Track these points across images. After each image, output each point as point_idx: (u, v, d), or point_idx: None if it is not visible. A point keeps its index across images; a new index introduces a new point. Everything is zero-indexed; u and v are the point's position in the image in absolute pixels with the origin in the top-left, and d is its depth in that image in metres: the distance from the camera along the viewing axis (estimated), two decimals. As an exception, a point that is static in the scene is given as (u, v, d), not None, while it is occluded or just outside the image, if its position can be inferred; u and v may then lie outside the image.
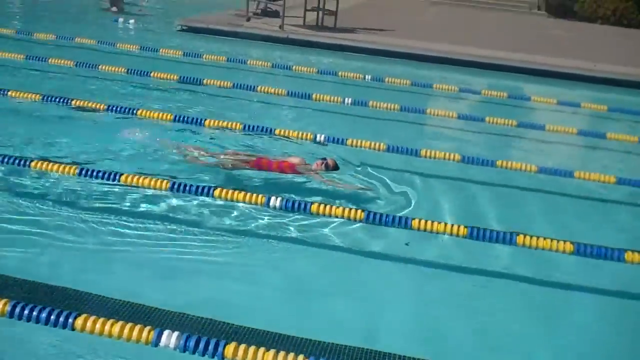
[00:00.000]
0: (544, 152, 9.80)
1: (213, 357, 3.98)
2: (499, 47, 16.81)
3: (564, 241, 5.77)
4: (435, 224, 5.92)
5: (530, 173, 7.95)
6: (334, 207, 6.03)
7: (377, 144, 8.09)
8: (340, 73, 12.53)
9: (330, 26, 17.49)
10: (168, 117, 8.46)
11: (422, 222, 5.91)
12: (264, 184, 6.99)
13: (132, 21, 17.12)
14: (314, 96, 10.44)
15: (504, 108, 11.59)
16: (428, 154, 8.02)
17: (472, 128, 10.20)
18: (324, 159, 7.22)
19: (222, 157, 7.38)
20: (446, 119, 10.30)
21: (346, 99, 10.31)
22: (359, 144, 8.11)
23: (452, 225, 5.91)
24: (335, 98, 10.41)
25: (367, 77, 12.47)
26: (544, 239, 5.78)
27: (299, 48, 15.74)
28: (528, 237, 5.80)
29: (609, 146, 9.93)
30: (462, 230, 5.87)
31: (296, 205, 6.05)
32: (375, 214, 6.01)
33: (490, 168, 7.92)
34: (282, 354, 3.97)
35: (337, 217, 6.03)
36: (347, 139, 8.14)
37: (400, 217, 6.04)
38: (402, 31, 18.44)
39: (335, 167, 7.23)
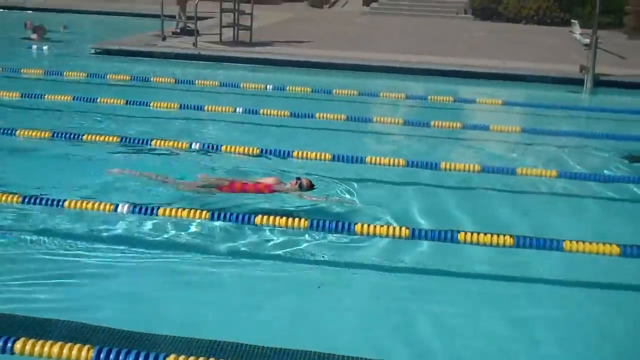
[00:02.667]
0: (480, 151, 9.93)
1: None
2: (425, 51, 17.15)
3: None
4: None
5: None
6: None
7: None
8: (242, 84, 12.64)
9: (247, 41, 17.63)
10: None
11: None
12: (243, 206, 6.93)
13: (45, 47, 17.12)
14: (219, 108, 10.69)
15: (429, 111, 11.91)
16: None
17: (411, 132, 10.35)
18: (299, 178, 7.20)
19: (192, 183, 7.36)
20: (376, 124, 10.51)
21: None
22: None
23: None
24: (228, 108, 10.60)
25: (268, 87, 12.57)
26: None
27: (212, 64, 15.81)
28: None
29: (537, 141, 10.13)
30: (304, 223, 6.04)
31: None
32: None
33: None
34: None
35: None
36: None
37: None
38: (324, 42, 18.73)
39: (310, 187, 7.21)
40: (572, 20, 22.07)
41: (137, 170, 7.59)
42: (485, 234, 5.91)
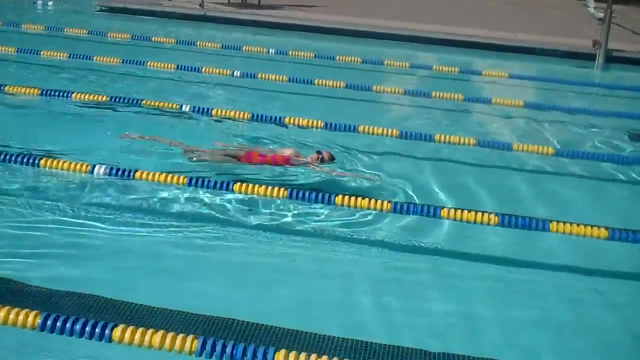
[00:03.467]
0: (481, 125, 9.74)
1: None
2: (435, 21, 16.75)
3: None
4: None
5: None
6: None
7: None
8: (244, 48, 12.41)
9: (255, 3, 17.35)
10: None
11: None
12: (260, 177, 6.73)
13: (50, 3, 16.88)
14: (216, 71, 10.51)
15: (433, 81, 11.70)
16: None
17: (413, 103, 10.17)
18: (319, 151, 7.07)
19: (210, 152, 7.17)
20: (382, 94, 10.32)
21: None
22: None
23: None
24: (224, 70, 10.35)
25: (271, 51, 12.37)
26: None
27: (218, 25, 15.56)
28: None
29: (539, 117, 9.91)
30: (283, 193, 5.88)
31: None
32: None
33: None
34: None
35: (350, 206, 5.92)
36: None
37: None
38: (333, 6, 18.33)
39: (332, 159, 7.08)
40: (587, -7, 21.51)
41: (150, 134, 7.45)
42: (469, 211, 5.74)
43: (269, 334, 4.18)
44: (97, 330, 3.85)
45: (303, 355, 3.73)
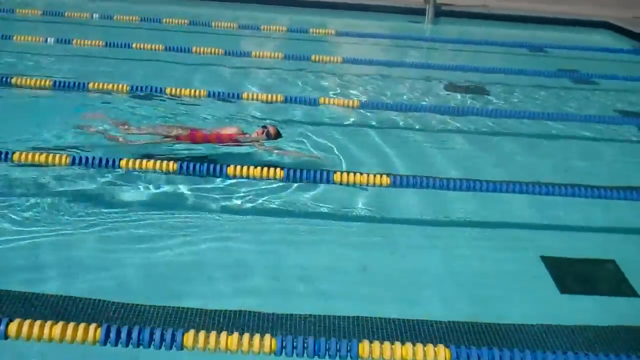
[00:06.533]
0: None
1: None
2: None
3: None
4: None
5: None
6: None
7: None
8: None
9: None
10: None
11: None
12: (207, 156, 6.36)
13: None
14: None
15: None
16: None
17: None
18: (265, 126, 6.70)
19: (151, 131, 6.67)
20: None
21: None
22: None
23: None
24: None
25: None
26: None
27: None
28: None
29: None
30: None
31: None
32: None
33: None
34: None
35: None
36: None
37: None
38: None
39: (278, 135, 6.72)
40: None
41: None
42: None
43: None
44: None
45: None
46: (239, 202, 5.74)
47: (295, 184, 5.88)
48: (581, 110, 9.05)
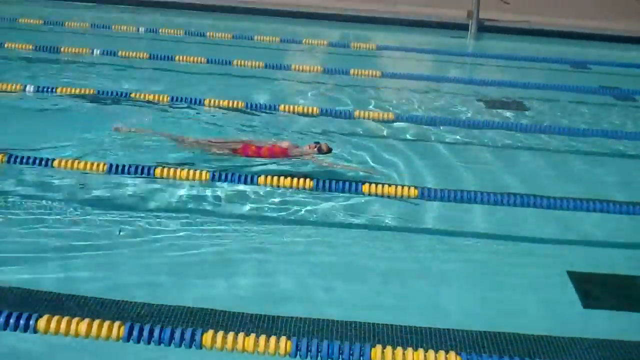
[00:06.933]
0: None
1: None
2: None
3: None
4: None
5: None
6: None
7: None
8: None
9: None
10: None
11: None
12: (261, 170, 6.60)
13: None
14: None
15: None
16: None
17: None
18: (317, 142, 6.95)
19: (207, 144, 6.97)
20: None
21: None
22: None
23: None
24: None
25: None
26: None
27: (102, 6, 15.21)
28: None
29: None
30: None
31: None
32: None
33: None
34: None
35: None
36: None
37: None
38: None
39: (329, 151, 6.93)
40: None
41: (144, 127, 7.28)
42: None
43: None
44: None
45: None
46: (268, 211, 5.91)
47: (325, 194, 6.00)
48: (618, 126, 8.96)
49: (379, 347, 3.67)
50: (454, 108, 9.41)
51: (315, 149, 6.85)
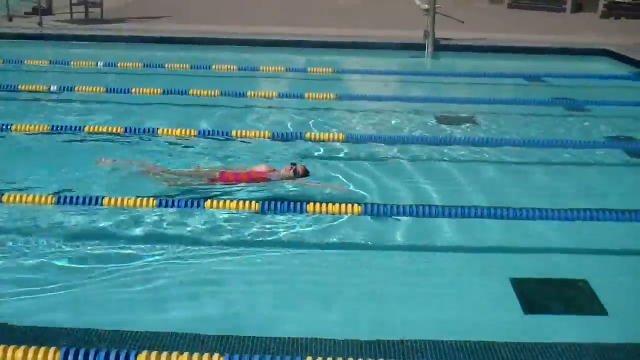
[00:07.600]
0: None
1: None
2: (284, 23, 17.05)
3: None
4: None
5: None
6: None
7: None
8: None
9: (98, 18, 17.25)
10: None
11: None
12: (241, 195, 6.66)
13: None
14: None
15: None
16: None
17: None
18: (294, 164, 6.96)
19: (185, 174, 7.03)
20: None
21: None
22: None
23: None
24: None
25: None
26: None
27: (60, 43, 15.28)
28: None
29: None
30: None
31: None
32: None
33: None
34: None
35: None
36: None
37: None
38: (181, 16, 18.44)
39: (305, 173, 6.97)
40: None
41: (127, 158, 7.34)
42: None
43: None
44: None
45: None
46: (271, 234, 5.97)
47: (321, 217, 6.08)
48: (573, 136, 9.16)
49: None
50: (409, 126, 9.50)
51: (291, 171, 6.89)
